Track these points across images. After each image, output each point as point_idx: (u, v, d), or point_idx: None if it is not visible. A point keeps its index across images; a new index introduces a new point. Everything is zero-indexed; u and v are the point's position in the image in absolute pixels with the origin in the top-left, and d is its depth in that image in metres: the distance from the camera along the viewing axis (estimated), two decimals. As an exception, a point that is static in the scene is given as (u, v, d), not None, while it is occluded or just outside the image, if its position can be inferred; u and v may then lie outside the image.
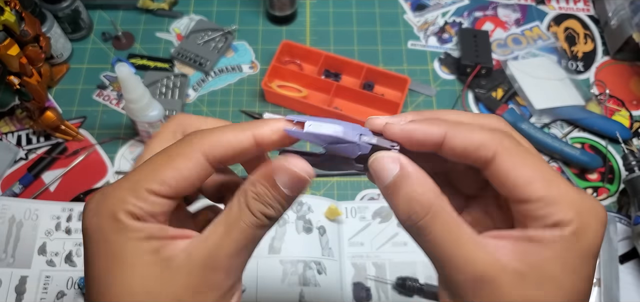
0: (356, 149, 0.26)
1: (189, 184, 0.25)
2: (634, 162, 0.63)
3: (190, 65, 0.75)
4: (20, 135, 0.68)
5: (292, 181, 0.25)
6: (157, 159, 0.25)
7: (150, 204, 0.24)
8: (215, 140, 0.25)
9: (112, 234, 0.24)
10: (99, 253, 0.24)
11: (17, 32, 0.56)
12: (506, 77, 0.75)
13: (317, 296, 0.56)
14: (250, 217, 0.25)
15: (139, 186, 0.24)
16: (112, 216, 0.24)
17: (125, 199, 0.24)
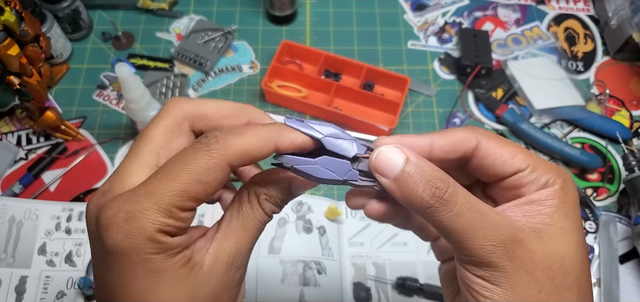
0: (352, 148, 0.27)
1: (214, 192, 0.26)
2: (634, 162, 0.63)
3: (190, 65, 0.75)
4: (20, 135, 0.68)
5: (304, 188, 0.29)
6: (184, 175, 0.25)
7: (184, 221, 0.25)
8: (241, 149, 0.26)
9: (152, 255, 0.24)
10: (137, 273, 0.24)
11: (17, 32, 0.56)
12: (506, 77, 0.75)
13: (317, 296, 0.56)
14: (263, 215, 0.28)
15: (171, 206, 0.24)
16: (149, 236, 0.24)
17: (160, 220, 0.24)
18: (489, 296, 0.24)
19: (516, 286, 0.24)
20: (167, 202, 0.24)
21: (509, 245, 0.24)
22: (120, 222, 0.24)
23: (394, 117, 0.67)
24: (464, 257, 0.25)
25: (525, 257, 0.24)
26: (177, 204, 0.24)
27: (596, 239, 0.63)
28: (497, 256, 0.24)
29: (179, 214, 0.24)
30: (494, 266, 0.24)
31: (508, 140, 0.28)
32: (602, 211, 0.64)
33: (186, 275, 0.25)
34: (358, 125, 0.68)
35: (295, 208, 0.61)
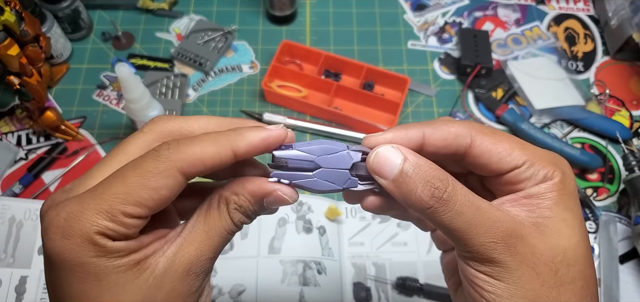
0: (348, 158, 0.27)
1: (165, 202, 0.25)
2: (634, 162, 0.63)
3: (190, 65, 0.75)
4: (20, 136, 0.68)
5: (278, 203, 0.27)
6: (131, 178, 0.24)
7: (128, 227, 0.24)
8: (193, 157, 0.24)
9: (89, 257, 0.23)
10: (76, 276, 0.23)
11: (17, 32, 0.56)
12: (506, 77, 0.75)
13: (317, 296, 0.56)
14: (231, 225, 0.27)
15: (114, 209, 0.23)
16: (88, 239, 0.23)
17: (100, 223, 0.23)
18: (492, 291, 0.24)
19: (519, 281, 0.24)
20: (109, 205, 0.23)
21: (510, 240, 0.24)
22: (61, 223, 0.23)
23: (394, 117, 0.67)
24: (465, 253, 0.25)
25: (526, 252, 0.24)
26: (120, 207, 0.23)
27: (596, 239, 0.63)
28: (498, 252, 0.24)
29: (121, 218, 0.23)
30: (496, 261, 0.24)
31: (504, 135, 0.27)
32: (602, 211, 0.64)
33: (133, 279, 0.24)
34: (358, 125, 0.68)
35: (295, 208, 0.61)
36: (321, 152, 0.26)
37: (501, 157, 0.26)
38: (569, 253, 0.25)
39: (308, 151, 0.26)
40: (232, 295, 0.56)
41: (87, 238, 0.23)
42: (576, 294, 0.24)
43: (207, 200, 0.27)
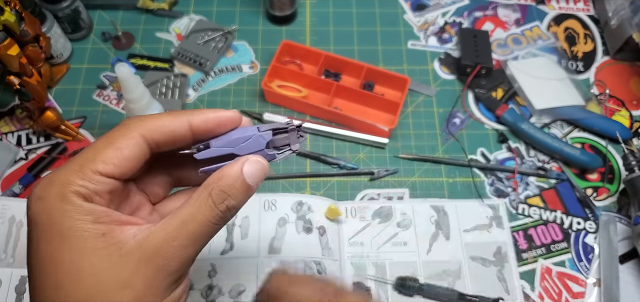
0: (260, 139, 0.29)
1: (130, 164, 0.27)
2: (634, 162, 0.63)
3: (190, 65, 0.75)
4: (20, 135, 0.68)
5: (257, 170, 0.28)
6: (99, 143, 0.26)
7: (96, 183, 0.25)
8: (153, 124, 0.27)
9: (59, 216, 0.24)
10: (45, 236, 0.24)
11: (17, 32, 0.56)
12: (506, 77, 0.75)
13: (317, 296, 0.56)
14: (214, 210, 0.27)
15: (84, 167, 0.25)
16: (59, 197, 0.24)
17: (71, 180, 0.24)
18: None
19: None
20: (79, 164, 0.25)
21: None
22: (39, 188, 0.25)
23: (394, 117, 0.67)
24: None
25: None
26: (89, 165, 0.25)
27: (596, 239, 0.63)
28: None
29: (90, 174, 0.25)
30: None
31: None
32: (602, 211, 0.64)
33: (96, 248, 0.24)
34: (358, 125, 0.68)
35: (295, 208, 0.61)
36: (236, 142, 0.29)
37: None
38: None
39: (225, 144, 0.29)
40: (232, 295, 0.56)
41: (59, 196, 0.24)
42: None
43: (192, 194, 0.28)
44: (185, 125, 0.28)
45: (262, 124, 0.30)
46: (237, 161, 0.28)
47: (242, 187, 0.28)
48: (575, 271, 0.60)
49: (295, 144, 0.31)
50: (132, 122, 0.27)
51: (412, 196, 0.65)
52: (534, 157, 0.69)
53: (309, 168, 0.67)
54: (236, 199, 0.28)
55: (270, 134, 0.29)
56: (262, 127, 0.29)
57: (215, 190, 0.27)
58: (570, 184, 0.67)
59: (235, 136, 0.29)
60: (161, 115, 0.28)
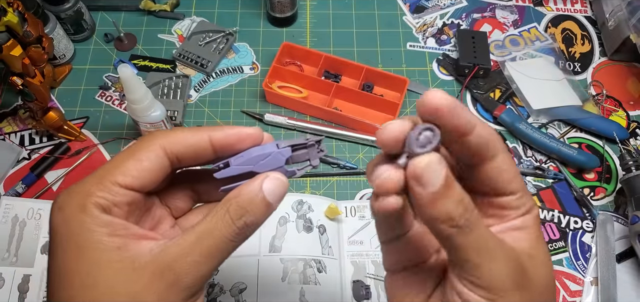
0: (280, 156, 0.29)
1: (151, 177, 0.27)
2: (631, 161, 0.64)
3: (191, 66, 0.75)
4: (23, 135, 0.69)
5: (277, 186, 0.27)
6: (120, 155, 0.27)
7: (115, 194, 0.25)
8: (174, 137, 0.27)
9: (77, 227, 0.24)
10: (63, 246, 0.24)
11: (20, 33, 0.56)
12: (504, 77, 0.76)
13: (317, 294, 0.57)
14: (231, 226, 0.26)
15: (104, 178, 0.25)
16: (78, 207, 0.24)
17: (90, 191, 0.25)
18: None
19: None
20: (100, 176, 0.26)
21: (516, 267, 0.24)
22: (61, 200, 0.25)
23: (393, 118, 0.68)
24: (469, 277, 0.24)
25: (525, 282, 0.24)
26: (108, 176, 0.25)
27: (593, 238, 0.63)
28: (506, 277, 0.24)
29: (112, 187, 0.25)
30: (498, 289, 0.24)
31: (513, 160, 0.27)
32: (599, 210, 0.65)
33: (112, 260, 0.24)
34: (358, 125, 0.69)
35: (295, 207, 0.62)
36: (256, 159, 0.28)
37: (507, 179, 0.25)
38: (551, 283, 0.26)
39: (245, 162, 0.29)
40: (234, 293, 0.56)
41: (78, 207, 0.24)
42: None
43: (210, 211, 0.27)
44: (206, 140, 0.28)
45: (281, 141, 0.30)
46: (257, 178, 0.27)
47: (262, 203, 0.27)
48: (572, 270, 0.61)
49: (315, 159, 0.31)
50: (153, 135, 0.27)
51: (411, 195, 0.66)
52: (532, 157, 0.69)
53: (309, 168, 0.68)
54: (254, 215, 0.27)
55: (289, 151, 0.29)
56: (282, 144, 0.29)
57: (233, 206, 0.26)
58: (568, 183, 0.67)
59: (254, 154, 0.29)
60: (183, 130, 0.28)
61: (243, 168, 0.28)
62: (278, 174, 0.28)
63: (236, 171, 0.28)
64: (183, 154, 0.28)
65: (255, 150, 0.29)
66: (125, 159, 0.26)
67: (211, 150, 0.28)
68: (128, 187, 0.26)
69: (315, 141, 0.30)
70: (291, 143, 0.29)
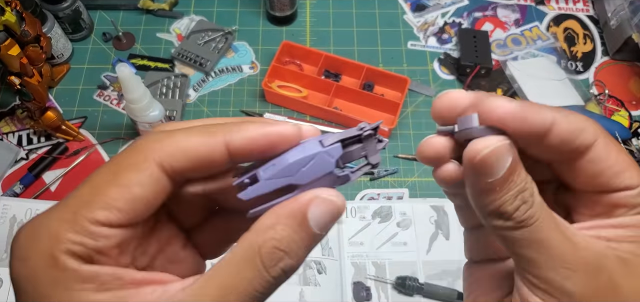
0: (327, 157, 0.21)
1: (144, 206, 0.19)
2: (633, 162, 0.64)
3: (190, 65, 0.75)
4: (20, 136, 0.69)
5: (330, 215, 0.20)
6: (101, 174, 0.19)
7: (97, 238, 0.18)
8: (176, 146, 0.19)
9: (48, 287, 0.17)
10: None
11: (18, 32, 0.56)
12: (505, 77, 0.75)
13: (317, 295, 0.56)
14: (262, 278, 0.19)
15: (79, 215, 0.18)
16: (47, 259, 0.17)
17: (61, 235, 0.17)
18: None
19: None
20: (73, 211, 0.18)
21: (590, 274, 0.20)
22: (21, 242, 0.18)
23: (394, 118, 0.68)
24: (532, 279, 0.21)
25: (608, 289, 0.20)
26: (84, 212, 0.18)
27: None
28: (573, 283, 0.20)
29: (87, 225, 0.18)
30: (568, 293, 0.20)
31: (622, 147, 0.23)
32: (602, 211, 0.64)
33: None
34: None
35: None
36: (295, 167, 0.20)
37: (615, 171, 0.21)
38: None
39: (280, 174, 0.20)
40: (233, 295, 0.56)
41: (46, 258, 0.17)
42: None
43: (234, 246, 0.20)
44: (221, 148, 0.20)
45: (325, 135, 0.22)
46: (299, 199, 0.20)
47: (307, 239, 0.20)
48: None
49: (375, 155, 0.23)
50: (146, 146, 0.19)
51: (411, 195, 0.65)
52: (534, 157, 0.69)
53: (309, 168, 0.67)
54: (296, 256, 0.19)
55: (339, 149, 0.21)
56: (326, 139, 0.21)
57: (267, 247, 0.19)
58: (570, 184, 0.67)
59: (291, 159, 0.20)
60: (188, 132, 0.20)
61: (277, 182, 0.20)
62: (330, 192, 0.20)
63: (268, 188, 0.20)
64: (188, 168, 0.20)
65: (292, 153, 0.21)
66: (108, 183, 0.19)
67: (227, 159, 0.20)
68: (114, 226, 0.18)
69: (372, 129, 0.22)
70: (340, 137, 0.22)
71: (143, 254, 0.21)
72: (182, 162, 0.19)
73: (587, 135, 0.21)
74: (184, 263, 0.24)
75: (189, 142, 0.19)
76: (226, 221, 0.25)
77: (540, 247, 0.20)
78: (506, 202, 0.20)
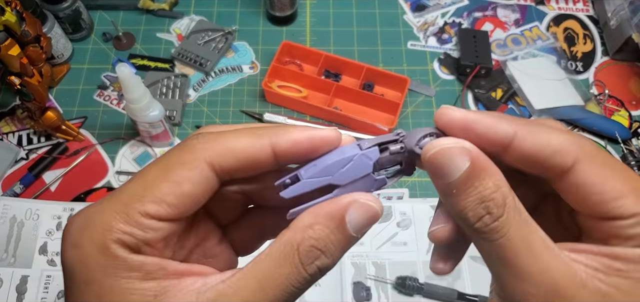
0: (366, 159, 0.22)
1: (193, 202, 0.20)
2: (633, 162, 0.64)
3: (190, 65, 0.75)
4: (21, 135, 0.69)
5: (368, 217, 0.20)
6: (152, 171, 0.20)
7: (146, 230, 0.19)
8: (225, 146, 0.20)
9: (99, 272, 0.19)
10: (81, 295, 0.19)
11: (18, 32, 0.56)
12: (505, 77, 0.75)
13: (317, 295, 0.56)
14: (299, 274, 0.20)
15: (130, 207, 0.19)
16: (99, 247, 0.19)
17: (113, 225, 0.19)
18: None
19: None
20: (124, 203, 0.19)
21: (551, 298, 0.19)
22: (73, 230, 0.20)
23: (394, 118, 0.68)
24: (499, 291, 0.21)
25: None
26: (136, 205, 0.19)
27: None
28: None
29: (138, 218, 0.19)
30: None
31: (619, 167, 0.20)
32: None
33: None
34: (358, 125, 0.69)
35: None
36: (334, 168, 0.22)
37: (604, 199, 0.19)
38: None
39: (320, 173, 0.22)
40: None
41: (98, 246, 0.19)
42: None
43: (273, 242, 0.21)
44: (267, 149, 0.21)
45: (363, 139, 0.23)
46: (338, 201, 0.20)
47: (343, 240, 0.20)
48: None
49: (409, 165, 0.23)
50: (197, 145, 0.20)
51: (411, 195, 0.65)
52: (534, 157, 0.69)
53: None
54: (332, 256, 0.20)
55: (376, 152, 0.22)
56: (364, 143, 0.23)
57: (305, 246, 0.20)
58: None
59: (331, 160, 0.22)
60: (236, 134, 0.21)
61: (318, 182, 0.22)
62: (368, 197, 0.21)
63: (309, 187, 0.22)
64: (235, 168, 0.21)
65: (330, 155, 0.22)
66: (160, 179, 0.20)
67: (273, 160, 0.21)
68: (163, 219, 0.20)
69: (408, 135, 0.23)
70: (377, 141, 0.23)
71: (181, 247, 0.22)
72: (230, 162, 0.21)
73: (564, 157, 0.19)
74: (218, 258, 0.25)
75: (238, 142, 0.21)
76: (261, 218, 0.26)
77: (504, 265, 0.20)
78: (466, 208, 0.20)
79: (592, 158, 0.19)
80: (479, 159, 0.20)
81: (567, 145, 0.19)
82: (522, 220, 0.20)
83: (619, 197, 0.19)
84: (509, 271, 0.20)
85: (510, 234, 0.19)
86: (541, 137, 0.20)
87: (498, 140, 0.20)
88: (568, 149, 0.19)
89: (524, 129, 0.20)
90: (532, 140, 0.19)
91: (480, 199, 0.19)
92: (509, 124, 0.20)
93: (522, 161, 0.20)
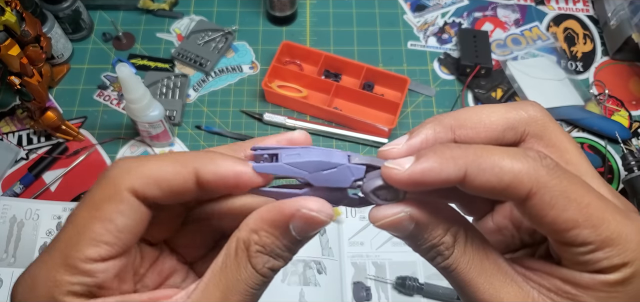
0: (348, 174, 0.21)
1: (129, 233, 0.20)
2: (633, 162, 0.64)
3: (190, 65, 0.75)
4: (20, 135, 0.68)
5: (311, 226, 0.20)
6: (81, 212, 0.20)
7: (93, 275, 0.19)
8: (145, 174, 0.20)
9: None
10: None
11: (18, 32, 0.56)
12: (505, 77, 0.75)
13: (317, 295, 0.56)
14: (255, 277, 0.20)
15: (70, 257, 0.19)
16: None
17: (58, 279, 0.19)
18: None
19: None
20: (64, 254, 0.19)
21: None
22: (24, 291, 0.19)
23: (394, 117, 0.68)
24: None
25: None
26: (74, 253, 0.19)
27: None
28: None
29: (81, 265, 0.19)
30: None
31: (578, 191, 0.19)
32: (602, 211, 0.64)
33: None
34: (358, 125, 0.69)
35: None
36: (315, 167, 0.21)
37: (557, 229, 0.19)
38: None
39: (299, 166, 0.21)
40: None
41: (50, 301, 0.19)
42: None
43: (224, 249, 0.21)
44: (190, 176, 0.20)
45: (355, 154, 0.22)
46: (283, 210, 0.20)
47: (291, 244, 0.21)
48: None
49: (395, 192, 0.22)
50: (117, 175, 0.20)
51: (411, 195, 0.65)
52: (534, 157, 0.69)
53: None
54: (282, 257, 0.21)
55: (361, 171, 0.21)
56: (355, 158, 0.22)
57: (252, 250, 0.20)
58: (570, 184, 0.67)
59: (315, 157, 0.21)
60: (158, 160, 0.20)
61: (293, 172, 0.21)
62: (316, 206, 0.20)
63: (282, 172, 0.21)
64: (160, 196, 0.20)
65: (317, 151, 0.21)
66: (90, 221, 0.19)
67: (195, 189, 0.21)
68: (106, 259, 0.19)
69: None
70: (367, 161, 0.22)
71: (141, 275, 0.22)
72: (153, 189, 0.20)
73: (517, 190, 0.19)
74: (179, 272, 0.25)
75: (160, 170, 0.20)
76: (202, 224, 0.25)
77: (462, 293, 0.21)
78: (422, 251, 0.22)
79: (547, 189, 0.19)
80: (422, 219, 0.21)
81: (521, 177, 0.19)
82: (474, 249, 0.21)
83: (572, 228, 0.19)
84: (467, 298, 0.21)
85: (461, 267, 0.21)
86: (492, 172, 0.19)
87: (449, 183, 0.19)
88: (521, 181, 0.19)
89: (474, 165, 0.19)
90: (482, 178, 0.19)
91: (430, 247, 0.21)
92: (456, 164, 0.19)
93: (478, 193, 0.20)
